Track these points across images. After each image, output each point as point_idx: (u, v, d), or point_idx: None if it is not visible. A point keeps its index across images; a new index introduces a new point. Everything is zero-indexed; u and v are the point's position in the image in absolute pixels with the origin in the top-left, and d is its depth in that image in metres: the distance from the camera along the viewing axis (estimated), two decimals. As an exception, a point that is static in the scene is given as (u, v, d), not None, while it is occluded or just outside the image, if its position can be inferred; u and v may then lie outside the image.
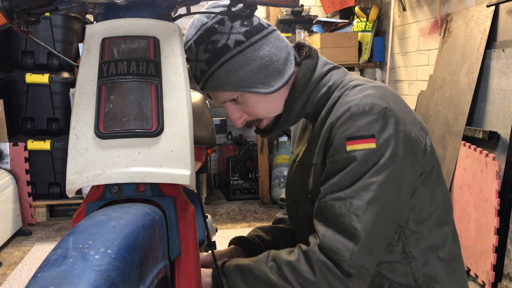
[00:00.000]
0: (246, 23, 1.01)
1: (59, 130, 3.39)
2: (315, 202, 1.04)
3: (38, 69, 3.35)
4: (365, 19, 3.72)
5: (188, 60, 1.04)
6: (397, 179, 0.94)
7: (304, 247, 0.96)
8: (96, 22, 0.82)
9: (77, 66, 0.79)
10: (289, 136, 3.92)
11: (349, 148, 0.94)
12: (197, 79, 1.05)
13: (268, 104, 1.06)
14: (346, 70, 1.13)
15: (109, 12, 0.81)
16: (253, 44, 1.01)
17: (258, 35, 1.02)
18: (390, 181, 0.93)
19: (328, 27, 3.87)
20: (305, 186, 1.09)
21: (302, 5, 4.01)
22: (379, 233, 0.93)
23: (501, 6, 2.32)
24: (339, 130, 0.96)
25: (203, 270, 1.00)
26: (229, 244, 1.28)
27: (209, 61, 1.00)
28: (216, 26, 1.00)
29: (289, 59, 1.05)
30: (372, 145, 0.93)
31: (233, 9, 0.92)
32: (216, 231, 1.74)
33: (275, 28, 1.08)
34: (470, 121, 2.44)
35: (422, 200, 1.01)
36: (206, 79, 1.02)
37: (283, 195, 1.39)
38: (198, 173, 1.46)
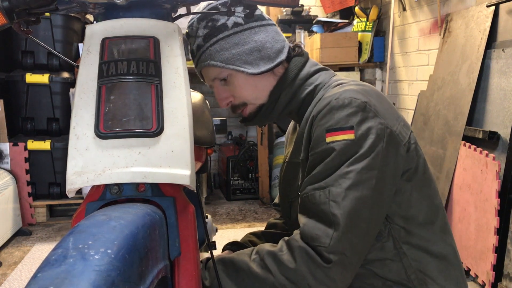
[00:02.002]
0: (248, 10, 1.05)
1: (59, 130, 3.39)
2: None
3: (38, 69, 3.35)
4: (365, 19, 3.72)
5: (188, 36, 1.10)
6: (377, 168, 0.95)
7: (287, 238, 0.97)
8: (96, 22, 0.82)
9: (77, 66, 0.79)
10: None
11: (328, 139, 0.96)
12: (193, 54, 1.10)
13: (254, 89, 1.09)
14: (334, 72, 1.16)
15: (109, 12, 0.81)
16: (250, 29, 1.07)
17: (257, 23, 1.08)
18: (369, 170, 0.94)
19: (328, 27, 3.87)
20: (296, 185, 1.10)
21: (302, 5, 4.01)
22: (359, 221, 0.93)
23: (501, 6, 2.32)
24: (319, 123, 0.98)
25: None
26: (223, 250, 1.28)
27: (206, 36, 1.06)
28: (220, 7, 1.04)
29: (282, 51, 1.10)
30: (351, 136, 0.95)
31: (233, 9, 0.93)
32: (216, 231, 1.74)
33: (275, 24, 1.13)
34: (470, 121, 2.44)
35: (409, 197, 1.02)
36: (200, 54, 1.07)
37: (276, 200, 1.39)
38: (198, 173, 1.46)
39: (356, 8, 3.71)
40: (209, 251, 1.50)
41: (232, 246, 1.27)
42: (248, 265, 0.95)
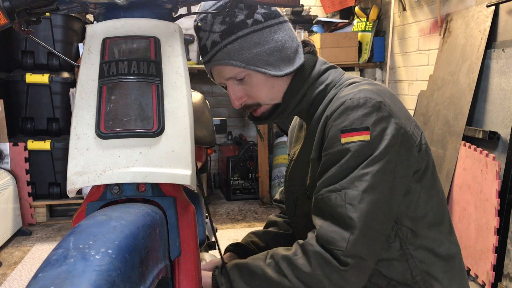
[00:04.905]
0: (265, 6, 1.02)
1: (59, 130, 3.39)
2: (312, 198, 1.04)
3: (38, 69, 3.35)
4: (365, 19, 3.72)
5: (199, 30, 1.04)
6: (392, 170, 0.94)
7: (301, 241, 0.96)
8: (97, 22, 0.82)
9: (78, 66, 0.79)
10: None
11: (343, 140, 0.95)
12: (205, 50, 1.04)
13: (271, 89, 1.06)
14: (343, 70, 1.14)
15: (109, 12, 0.81)
16: (270, 27, 1.03)
17: (276, 20, 1.04)
18: (385, 172, 0.93)
19: (328, 27, 3.87)
20: (303, 183, 1.09)
21: (302, 5, 4.01)
22: (375, 223, 0.92)
23: (501, 6, 2.32)
24: (333, 123, 0.97)
25: (203, 271, 1.00)
26: (225, 251, 1.28)
27: (224, 33, 1.00)
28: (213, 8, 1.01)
29: (299, 51, 1.07)
30: (366, 137, 0.93)
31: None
32: (216, 231, 1.74)
33: (288, 20, 1.10)
34: (470, 121, 2.44)
35: (417, 198, 1.01)
36: (216, 51, 1.01)
37: (277, 196, 1.39)
38: (198, 173, 1.46)
39: (356, 8, 3.71)
40: (209, 251, 1.49)
41: (235, 247, 1.26)
42: (263, 270, 0.95)
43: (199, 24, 1.03)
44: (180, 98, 0.76)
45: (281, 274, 0.93)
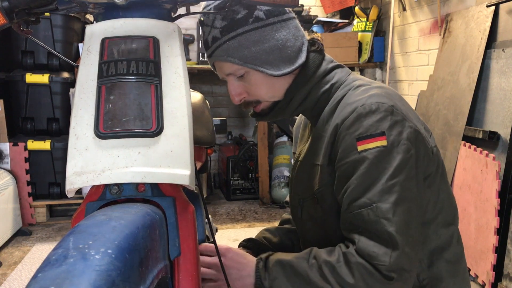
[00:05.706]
0: (247, 11, 1.01)
1: (59, 130, 3.39)
2: (321, 203, 1.03)
3: (38, 69, 3.35)
4: (365, 19, 3.72)
5: (203, 24, 1.04)
6: (414, 175, 0.94)
7: (343, 248, 0.95)
8: (96, 22, 0.82)
9: (77, 66, 0.79)
10: (288, 136, 3.92)
11: (360, 148, 0.93)
12: (207, 45, 1.04)
13: (271, 88, 1.05)
14: (349, 70, 1.13)
15: (109, 12, 0.81)
16: (271, 25, 1.01)
17: (278, 18, 1.03)
18: (410, 179, 0.92)
19: (328, 27, 3.87)
20: (309, 186, 1.08)
21: (302, 5, 4.01)
22: (412, 231, 0.92)
23: (501, 6, 2.32)
24: (347, 132, 0.95)
25: (243, 268, 0.99)
26: (238, 247, 1.28)
27: (224, 29, 0.99)
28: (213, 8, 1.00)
29: (302, 49, 1.06)
30: (383, 142, 0.92)
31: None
32: (216, 231, 1.74)
33: (295, 16, 1.08)
34: (470, 121, 2.44)
35: (427, 202, 1.00)
36: (216, 47, 1.01)
37: (287, 198, 1.38)
38: (198, 173, 1.46)
39: (356, 8, 3.71)
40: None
41: (248, 242, 1.25)
42: (307, 272, 0.94)
43: (202, 18, 1.04)
44: (179, 98, 0.76)
45: (324, 279, 0.92)
